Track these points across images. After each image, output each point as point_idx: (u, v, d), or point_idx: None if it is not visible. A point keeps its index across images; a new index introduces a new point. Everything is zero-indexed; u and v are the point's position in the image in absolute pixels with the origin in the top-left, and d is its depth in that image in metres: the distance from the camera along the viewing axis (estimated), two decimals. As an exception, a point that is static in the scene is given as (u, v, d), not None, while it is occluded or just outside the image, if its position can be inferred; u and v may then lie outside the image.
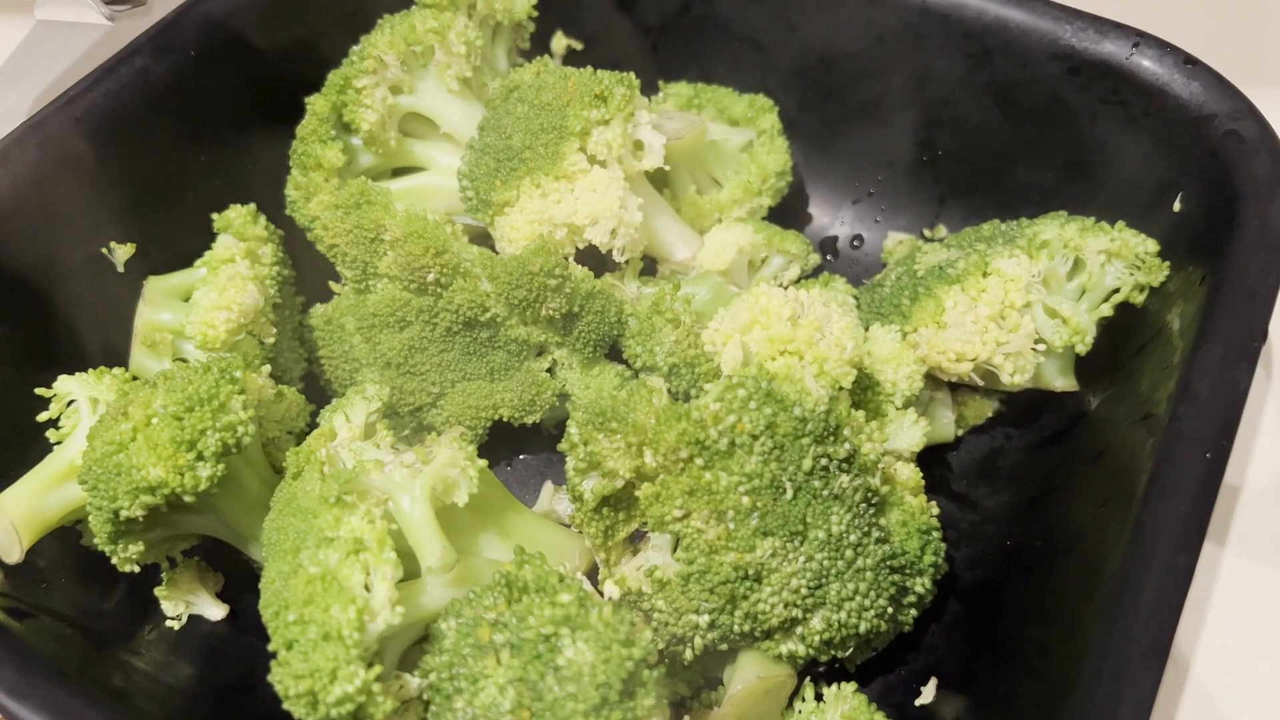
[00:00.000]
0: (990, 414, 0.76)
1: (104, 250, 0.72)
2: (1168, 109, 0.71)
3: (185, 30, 0.75)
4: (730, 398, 0.57)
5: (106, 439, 0.60)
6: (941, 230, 0.86)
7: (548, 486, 0.75)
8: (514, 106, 0.74)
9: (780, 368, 0.60)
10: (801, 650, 0.60)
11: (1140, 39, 0.72)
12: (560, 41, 0.92)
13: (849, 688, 0.62)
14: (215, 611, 0.70)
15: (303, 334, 0.78)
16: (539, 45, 0.92)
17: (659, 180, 0.81)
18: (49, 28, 1.04)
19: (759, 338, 0.62)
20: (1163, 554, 0.52)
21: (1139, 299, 0.71)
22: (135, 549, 0.62)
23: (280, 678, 0.51)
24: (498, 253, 0.74)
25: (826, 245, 0.90)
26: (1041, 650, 0.58)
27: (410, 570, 0.57)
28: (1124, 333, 0.71)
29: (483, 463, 0.60)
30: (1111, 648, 0.51)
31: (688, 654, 0.61)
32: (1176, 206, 0.70)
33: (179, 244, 0.77)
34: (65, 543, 0.68)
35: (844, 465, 0.59)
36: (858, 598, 0.59)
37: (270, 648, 0.52)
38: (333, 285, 0.77)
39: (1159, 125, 0.72)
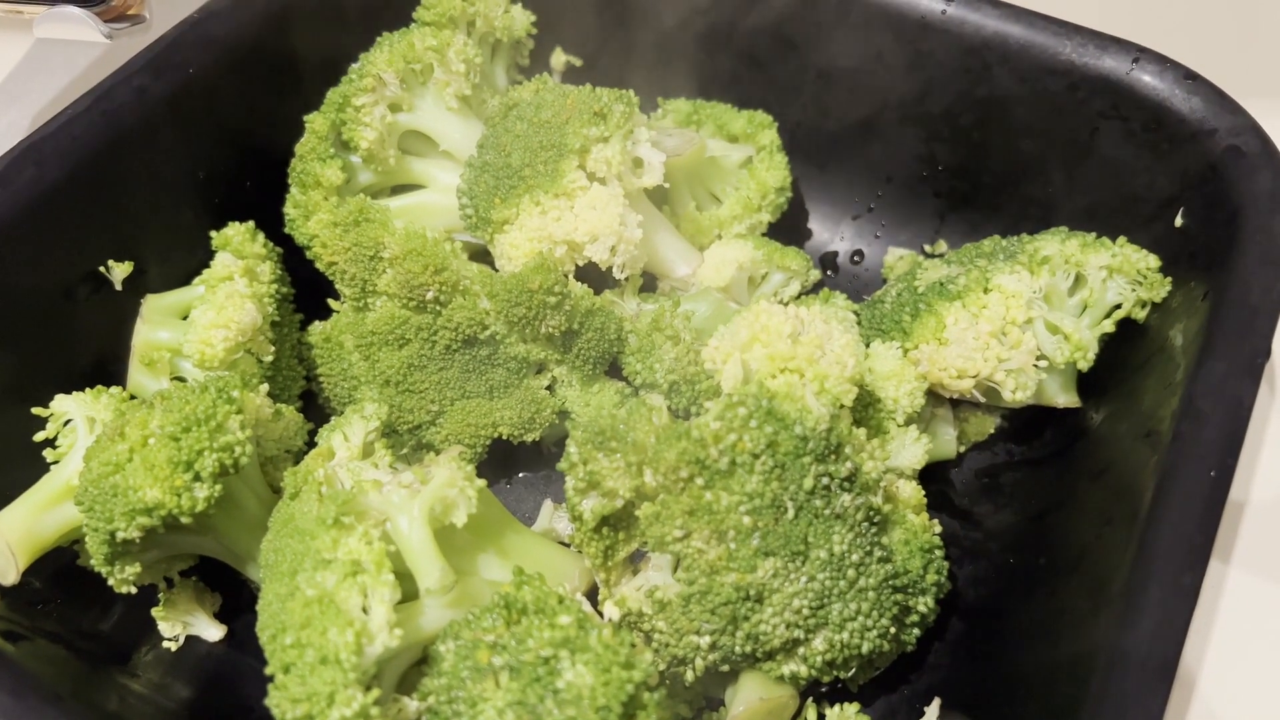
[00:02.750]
0: (992, 430, 0.76)
1: (101, 268, 0.72)
2: (1168, 124, 0.70)
3: (184, 49, 0.75)
4: (731, 416, 0.57)
5: (103, 460, 0.60)
6: (942, 245, 0.86)
7: (547, 505, 0.75)
8: (513, 124, 0.74)
9: (781, 386, 0.59)
10: (804, 671, 0.59)
11: (1140, 54, 0.72)
12: (559, 58, 0.92)
13: (851, 708, 0.62)
14: (213, 632, 0.69)
15: (301, 352, 0.78)
16: (538, 62, 0.92)
17: (658, 197, 0.81)
18: (48, 46, 1.04)
19: (759, 355, 0.62)
20: (1168, 573, 0.51)
21: (1141, 315, 0.70)
22: (132, 570, 0.62)
23: (277, 701, 0.50)
24: (497, 270, 0.74)
25: (827, 261, 0.89)
26: (1046, 670, 0.58)
27: (408, 592, 0.56)
28: (1126, 349, 0.71)
29: (481, 482, 0.59)
30: (1117, 668, 0.50)
31: (689, 675, 0.60)
32: (1178, 222, 0.70)
33: (177, 262, 0.76)
34: (62, 564, 0.68)
35: (846, 484, 0.58)
36: (860, 618, 0.58)
37: (267, 671, 0.51)
38: (331, 303, 0.77)
39: (1159, 140, 0.71)
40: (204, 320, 0.69)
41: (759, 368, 0.62)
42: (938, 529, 0.65)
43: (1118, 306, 0.71)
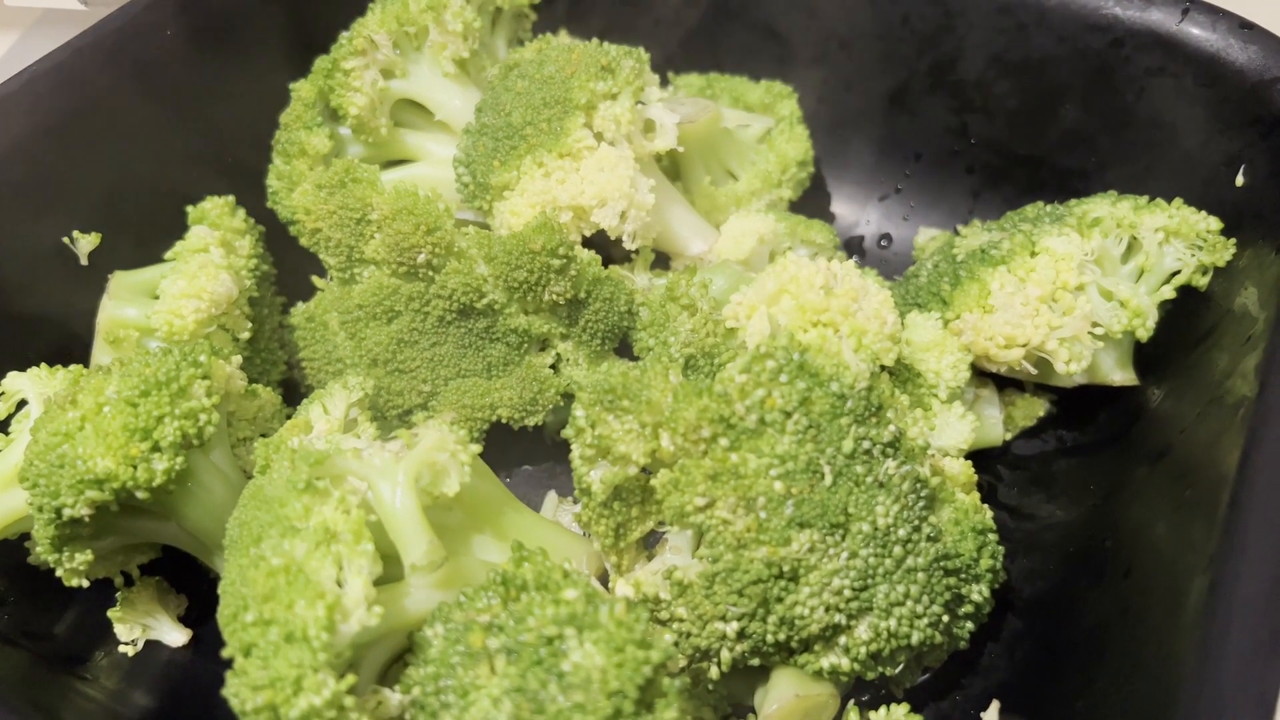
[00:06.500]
0: (1041, 414, 0.69)
1: (66, 240, 0.66)
2: (1224, 77, 0.65)
3: (162, 9, 0.70)
4: (758, 370, 0.50)
5: (51, 429, 0.53)
6: (976, 226, 0.79)
7: (551, 496, 0.68)
8: (514, 83, 0.68)
9: (814, 339, 0.53)
10: (845, 664, 0.51)
11: (1189, 4, 0.67)
12: (564, 39, 0.87)
13: (900, 709, 0.53)
14: (176, 636, 0.62)
15: (283, 337, 0.72)
16: (541, 43, 0.87)
17: (670, 171, 0.75)
18: (36, 39, 1.00)
19: (788, 308, 0.55)
20: (1272, 532, 0.44)
21: (1202, 282, 0.64)
22: (82, 559, 0.55)
23: (236, 689, 0.43)
24: (496, 240, 0.68)
25: (852, 246, 0.83)
26: (1128, 658, 0.50)
27: (392, 574, 0.49)
28: (1185, 320, 0.64)
29: (476, 448, 0.52)
30: (1215, 643, 0.43)
31: (713, 671, 0.53)
32: (1239, 181, 0.64)
33: (150, 240, 0.70)
34: (18, 560, 0.61)
35: (889, 449, 0.52)
36: (909, 602, 0.51)
37: (225, 653, 0.44)
38: (316, 280, 0.71)
39: (1214, 96, 0.66)
40: (174, 290, 0.63)
41: (788, 322, 0.55)
42: (990, 513, 0.58)
43: (1176, 273, 0.64)
